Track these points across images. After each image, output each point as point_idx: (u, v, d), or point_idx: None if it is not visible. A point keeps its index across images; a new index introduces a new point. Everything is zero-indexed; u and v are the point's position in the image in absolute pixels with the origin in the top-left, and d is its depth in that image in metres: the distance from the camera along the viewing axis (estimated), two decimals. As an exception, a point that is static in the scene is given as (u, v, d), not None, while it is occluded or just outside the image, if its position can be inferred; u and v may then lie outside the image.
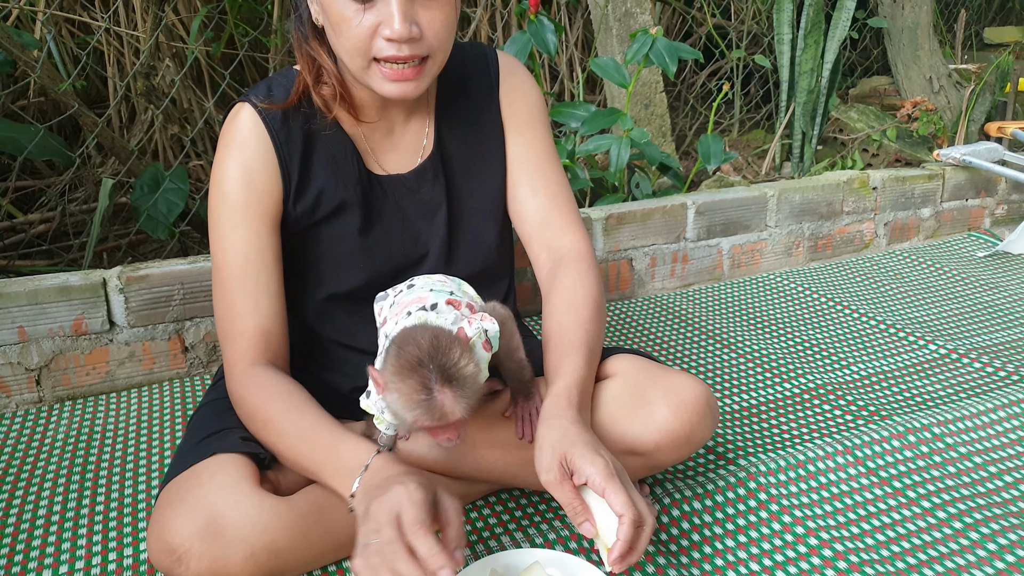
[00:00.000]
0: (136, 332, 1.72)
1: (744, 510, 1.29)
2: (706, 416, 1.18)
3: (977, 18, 4.65)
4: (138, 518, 1.30)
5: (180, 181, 2.14)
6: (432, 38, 1.09)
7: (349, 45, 1.09)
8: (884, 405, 1.62)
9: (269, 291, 1.20)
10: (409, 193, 1.28)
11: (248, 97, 1.21)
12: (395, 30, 1.05)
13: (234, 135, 1.19)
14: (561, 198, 1.33)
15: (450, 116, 1.30)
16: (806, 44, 2.84)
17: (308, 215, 1.23)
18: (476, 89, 1.31)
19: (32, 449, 1.51)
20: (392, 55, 1.07)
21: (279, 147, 1.19)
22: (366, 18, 1.06)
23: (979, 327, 2.01)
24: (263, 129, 1.18)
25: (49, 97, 2.56)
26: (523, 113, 1.33)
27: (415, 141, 1.28)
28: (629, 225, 2.19)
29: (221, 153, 1.19)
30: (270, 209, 1.20)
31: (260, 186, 1.18)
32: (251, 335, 1.18)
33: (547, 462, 1.02)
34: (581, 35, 3.35)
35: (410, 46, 1.07)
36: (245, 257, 1.18)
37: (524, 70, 1.37)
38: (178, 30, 2.73)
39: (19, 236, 2.26)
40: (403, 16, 1.05)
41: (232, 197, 1.18)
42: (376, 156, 1.27)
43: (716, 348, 1.91)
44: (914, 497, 1.33)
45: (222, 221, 1.19)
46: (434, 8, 1.08)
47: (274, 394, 1.14)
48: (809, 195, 2.45)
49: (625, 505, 0.97)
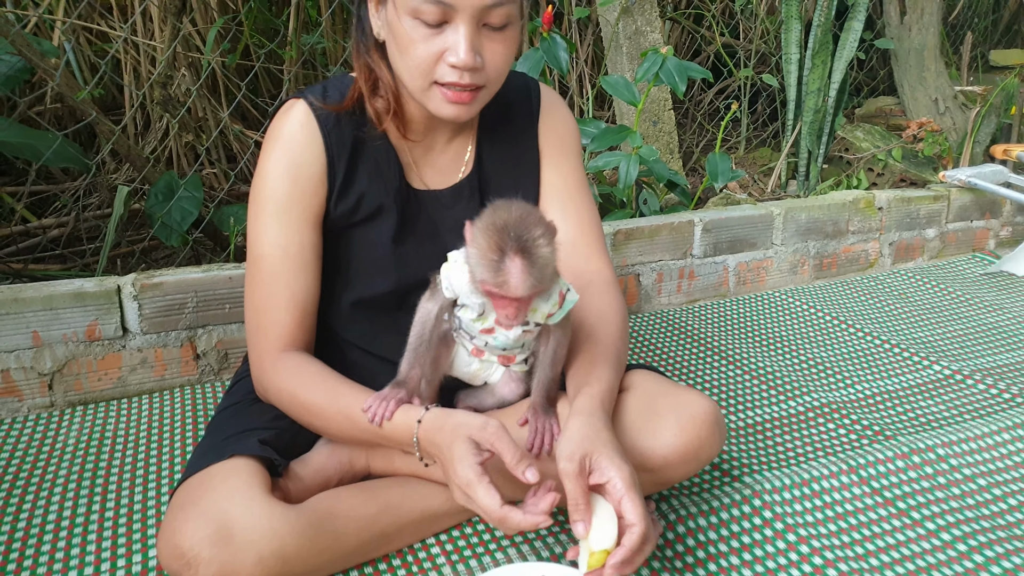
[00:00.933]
0: (149, 339, 1.73)
1: (749, 527, 1.31)
2: (714, 433, 1.20)
3: (983, 40, 4.67)
4: (147, 524, 1.32)
5: (194, 189, 2.16)
6: (492, 70, 1.13)
7: (413, 65, 1.12)
8: (889, 425, 1.64)
9: (307, 286, 1.23)
10: (444, 209, 1.30)
11: (304, 95, 1.23)
12: (461, 59, 1.08)
13: (284, 131, 1.21)
14: (590, 226, 1.37)
15: (491, 140, 1.33)
16: (813, 64, 2.87)
17: (347, 216, 1.25)
18: (518, 117, 1.35)
19: (43, 453, 1.53)
20: (453, 81, 1.11)
21: (329, 147, 1.21)
22: (434, 43, 1.10)
23: (983, 348, 2.02)
24: (316, 127, 1.21)
25: (65, 103, 2.58)
26: (560, 145, 1.37)
27: (455, 160, 1.32)
28: (637, 241, 2.21)
29: (269, 147, 1.21)
30: (313, 206, 1.22)
31: (306, 183, 1.21)
32: (285, 325, 1.22)
33: (570, 451, 1.04)
34: (591, 52, 3.38)
35: (471, 75, 1.11)
36: (285, 251, 1.21)
37: (564, 104, 1.41)
38: (194, 40, 2.76)
39: (33, 240, 2.28)
40: (470, 46, 1.08)
41: (277, 191, 1.20)
42: (417, 170, 1.30)
43: (721, 365, 1.92)
44: (918, 518, 1.34)
45: (264, 214, 1.21)
46: (499, 41, 1.12)
47: (309, 377, 1.18)
48: (815, 214, 2.47)
49: (640, 517, 0.99)
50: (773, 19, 3.66)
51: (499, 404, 1.28)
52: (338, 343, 1.35)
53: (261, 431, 1.19)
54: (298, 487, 1.18)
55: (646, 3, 2.91)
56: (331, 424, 1.17)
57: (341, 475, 1.25)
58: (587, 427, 1.07)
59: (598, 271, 1.34)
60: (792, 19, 2.91)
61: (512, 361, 1.23)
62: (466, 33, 1.08)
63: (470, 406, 1.28)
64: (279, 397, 1.20)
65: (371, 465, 1.28)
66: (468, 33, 1.08)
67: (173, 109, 2.33)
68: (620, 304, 1.30)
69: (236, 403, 1.29)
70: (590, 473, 1.03)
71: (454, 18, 1.08)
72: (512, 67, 1.22)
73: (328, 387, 1.17)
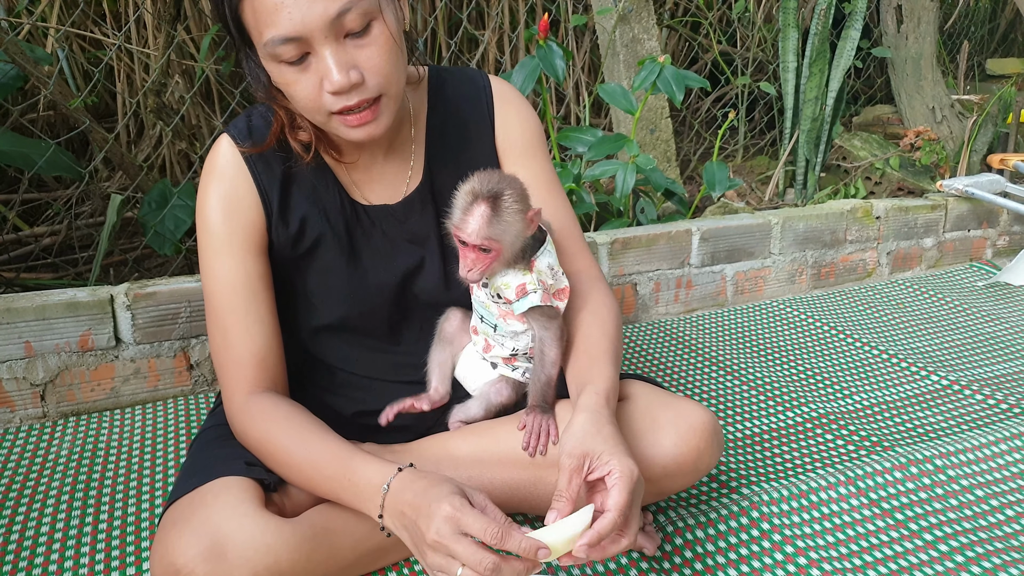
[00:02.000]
0: (142, 349, 1.72)
1: (747, 539, 1.30)
2: (712, 443, 1.19)
3: (979, 49, 4.68)
4: (141, 537, 1.30)
5: (188, 198, 2.15)
6: (377, 76, 1.06)
7: (301, 106, 1.09)
8: (886, 436, 1.63)
9: (261, 318, 1.19)
10: (397, 223, 1.26)
11: (228, 130, 1.21)
12: (334, 82, 1.03)
13: (213, 166, 1.19)
14: (569, 225, 1.32)
15: (441, 145, 1.28)
16: (811, 72, 2.87)
17: (292, 245, 1.22)
18: (468, 117, 1.30)
19: (35, 465, 1.52)
20: (344, 106, 1.06)
21: (257, 176, 1.19)
22: (306, 78, 1.05)
23: (980, 358, 2.02)
24: (240, 160, 1.18)
25: (58, 111, 2.57)
26: (521, 143, 1.31)
27: (399, 173, 1.27)
28: (634, 250, 2.20)
29: (203, 184, 1.20)
30: (253, 237, 1.19)
31: (241, 215, 1.18)
32: (246, 363, 1.18)
33: (571, 447, 1.03)
34: (588, 59, 3.37)
35: (357, 92, 1.05)
36: (232, 286, 1.18)
37: (519, 96, 1.35)
38: (188, 48, 2.75)
39: (26, 248, 2.27)
40: (339, 66, 1.03)
41: (215, 227, 1.18)
42: (362, 186, 1.26)
43: (719, 375, 1.91)
44: (916, 530, 1.33)
45: (208, 251, 1.19)
46: (368, 45, 1.05)
47: (277, 422, 1.13)
48: (813, 223, 2.46)
49: (618, 507, 0.98)
50: (770, 27, 3.67)
51: (491, 414, 1.27)
52: (322, 367, 1.33)
53: (247, 455, 1.17)
54: (292, 501, 1.17)
55: (643, 11, 2.91)
56: (296, 473, 1.12)
57: None
58: (591, 424, 1.05)
59: (585, 269, 1.31)
60: (789, 27, 2.91)
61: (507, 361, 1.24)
62: (330, 55, 1.03)
63: (460, 420, 1.28)
64: (247, 442, 1.16)
65: None
66: (332, 54, 1.03)
67: (167, 117, 2.32)
68: (612, 299, 1.28)
69: (220, 424, 1.26)
70: (591, 471, 1.02)
71: (312, 46, 1.03)
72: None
73: (294, 434, 1.12)
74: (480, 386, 1.28)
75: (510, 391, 1.26)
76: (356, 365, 1.31)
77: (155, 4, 2.49)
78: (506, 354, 1.24)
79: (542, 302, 1.16)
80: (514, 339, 1.22)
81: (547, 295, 1.17)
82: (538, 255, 1.17)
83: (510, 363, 1.25)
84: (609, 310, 1.26)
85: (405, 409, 1.26)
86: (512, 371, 1.26)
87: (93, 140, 2.18)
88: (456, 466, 1.22)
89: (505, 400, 1.27)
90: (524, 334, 1.22)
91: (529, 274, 1.16)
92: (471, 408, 1.28)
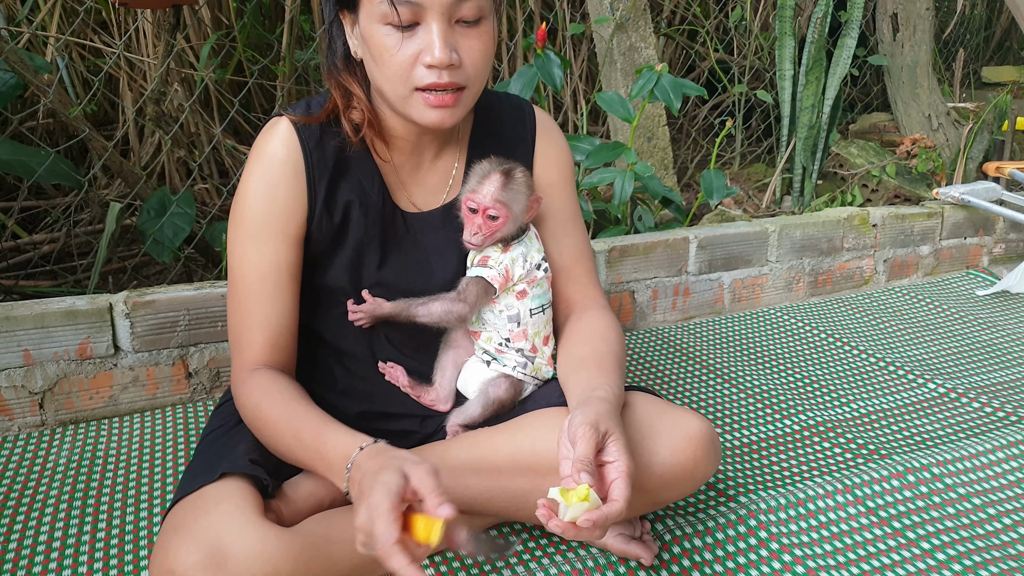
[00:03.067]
0: (140, 357, 1.72)
1: (744, 548, 1.30)
2: (709, 452, 1.20)
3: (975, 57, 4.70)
4: (139, 545, 1.30)
5: (187, 206, 2.15)
6: (470, 67, 1.12)
7: (391, 73, 1.11)
8: (883, 444, 1.63)
9: (282, 306, 1.21)
10: (433, 231, 1.29)
11: (288, 111, 1.22)
12: (436, 56, 1.07)
13: (265, 149, 1.20)
14: (585, 257, 1.38)
15: (481, 157, 1.30)
16: (807, 80, 2.88)
17: (329, 239, 1.24)
18: (510, 136, 1.33)
19: (34, 473, 1.52)
20: (433, 82, 1.09)
21: (310, 166, 1.20)
22: (408, 46, 1.08)
23: (977, 366, 2.02)
24: (297, 145, 1.19)
25: (57, 119, 2.58)
26: (556, 173, 1.36)
27: (443, 178, 1.30)
28: (632, 258, 2.20)
29: (250, 165, 1.20)
30: (292, 227, 1.20)
31: (284, 203, 1.19)
32: (259, 344, 1.20)
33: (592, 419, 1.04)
34: (586, 67, 3.39)
35: (450, 73, 1.09)
36: (261, 273, 1.19)
37: (558, 129, 1.39)
38: (188, 56, 2.76)
39: (24, 256, 2.27)
40: (444, 43, 1.07)
41: (255, 211, 1.19)
42: (405, 190, 1.28)
43: (716, 382, 1.92)
44: (913, 538, 1.33)
45: (242, 234, 1.20)
46: (473, 37, 1.11)
47: (270, 395, 1.15)
48: (810, 231, 2.47)
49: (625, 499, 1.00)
50: (767, 35, 3.68)
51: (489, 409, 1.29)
52: (330, 364, 1.34)
53: (251, 451, 1.18)
54: (291, 509, 1.17)
55: (640, 19, 2.92)
56: (282, 445, 1.13)
57: (334, 497, 1.24)
58: (605, 409, 1.07)
59: (593, 298, 1.36)
60: (786, 36, 2.93)
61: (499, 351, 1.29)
62: (439, 30, 1.07)
63: (459, 423, 1.29)
64: (244, 411, 1.18)
65: None
66: (441, 30, 1.07)
67: (166, 125, 2.33)
68: (618, 325, 1.32)
69: (223, 425, 1.28)
70: (601, 451, 1.04)
71: (424, 17, 1.07)
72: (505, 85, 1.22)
73: (282, 406, 1.14)
74: (478, 387, 1.30)
75: (507, 385, 1.29)
76: (365, 366, 1.32)
77: (154, 13, 2.50)
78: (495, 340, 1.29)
79: (491, 280, 1.24)
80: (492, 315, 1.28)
81: (500, 279, 1.24)
82: (515, 242, 1.26)
83: (501, 355, 1.28)
84: (616, 332, 1.29)
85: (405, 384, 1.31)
86: (504, 366, 1.28)
87: (92, 148, 2.18)
88: (454, 475, 1.22)
89: (503, 394, 1.28)
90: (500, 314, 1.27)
91: (501, 254, 1.24)
92: (469, 408, 1.30)
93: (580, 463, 1.00)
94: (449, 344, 1.34)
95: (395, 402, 1.32)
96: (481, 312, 1.28)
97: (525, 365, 1.29)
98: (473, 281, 1.25)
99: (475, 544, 0.95)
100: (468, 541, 0.94)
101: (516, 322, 1.27)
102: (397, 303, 1.25)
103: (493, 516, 1.29)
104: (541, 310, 1.29)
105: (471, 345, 1.32)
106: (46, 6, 2.57)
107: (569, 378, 1.22)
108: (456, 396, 1.33)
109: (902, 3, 3.57)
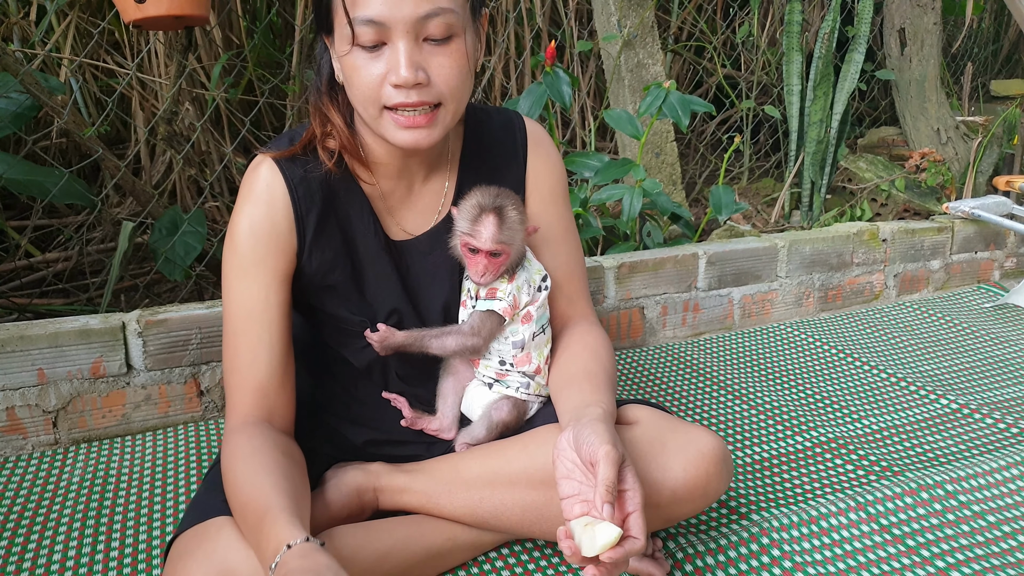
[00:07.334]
0: (153, 375, 1.73)
1: (757, 566, 1.29)
2: (721, 469, 1.20)
3: (983, 71, 4.70)
4: (152, 564, 1.31)
5: (198, 224, 2.17)
6: (442, 84, 1.11)
7: (360, 94, 1.11)
8: (896, 460, 1.63)
9: (271, 345, 1.19)
10: (422, 256, 1.29)
11: (269, 148, 1.23)
12: (401, 76, 1.07)
13: (251, 190, 1.20)
14: (578, 271, 1.38)
15: (472, 176, 1.30)
16: (815, 95, 2.88)
17: (321, 274, 1.23)
18: (501, 152, 1.33)
19: (47, 492, 1.52)
20: (400, 102, 1.09)
21: (296, 202, 1.20)
22: (375, 66, 1.09)
23: (989, 382, 2.01)
24: (282, 183, 1.19)
25: (71, 139, 2.60)
26: (548, 186, 1.35)
27: (434, 199, 1.30)
28: (641, 274, 2.21)
29: (238, 204, 1.20)
30: (281, 264, 1.20)
31: (273, 241, 1.19)
32: (247, 390, 1.19)
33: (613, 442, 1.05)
34: (593, 84, 3.40)
35: (418, 92, 1.09)
36: (249, 311, 1.19)
37: (551, 142, 1.38)
38: (199, 76, 2.79)
39: (37, 274, 2.28)
40: (409, 62, 1.07)
41: (243, 249, 1.19)
42: (394, 216, 1.28)
43: (727, 399, 1.92)
44: (928, 556, 1.32)
45: (232, 271, 1.20)
46: (443, 55, 1.10)
47: (242, 459, 1.10)
48: (819, 246, 2.47)
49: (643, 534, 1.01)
50: (774, 51, 3.69)
51: (494, 432, 1.29)
52: (336, 392, 1.34)
53: None
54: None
55: (647, 36, 2.94)
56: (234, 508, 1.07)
57: (348, 512, 1.24)
58: (612, 429, 1.08)
59: (582, 313, 1.37)
60: (793, 51, 2.94)
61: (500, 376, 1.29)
62: (404, 49, 1.07)
63: (466, 443, 1.29)
64: (221, 464, 1.14)
65: (379, 500, 1.27)
66: (406, 49, 1.07)
67: (177, 144, 2.34)
68: (608, 341, 1.33)
69: None
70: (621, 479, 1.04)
71: (390, 37, 1.07)
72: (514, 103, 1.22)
73: (248, 474, 1.07)
74: (482, 410, 1.30)
75: (510, 406, 1.29)
76: (372, 394, 1.32)
77: (166, 34, 2.52)
78: (495, 365, 1.28)
79: (502, 312, 1.24)
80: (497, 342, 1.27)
81: (510, 309, 1.24)
82: (519, 269, 1.27)
83: (503, 378, 1.28)
84: (606, 348, 1.30)
85: (408, 417, 1.31)
86: (507, 388, 1.29)
87: (105, 167, 2.20)
88: (467, 488, 1.22)
89: (506, 416, 1.28)
90: (506, 340, 1.27)
91: (508, 284, 1.24)
92: (475, 430, 1.30)
93: (606, 491, 1.00)
94: (448, 371, 1.33)
95: (403, 428, 1.32)
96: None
97: (528, 385, 1.29)
98: (486, 315, 1.24)
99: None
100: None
101: (520, 347, 1.27)
102: (410, 333, 1.24)
103: (503, 532, 1.29)
104: (542, 331, 1.30)
105: (470, 370, 1.32)
106: (60, 27, 2.60)
107: (561, 392, 1.23)
108: (460, 419, 1.34)
109: (909, 17, 3.57)
